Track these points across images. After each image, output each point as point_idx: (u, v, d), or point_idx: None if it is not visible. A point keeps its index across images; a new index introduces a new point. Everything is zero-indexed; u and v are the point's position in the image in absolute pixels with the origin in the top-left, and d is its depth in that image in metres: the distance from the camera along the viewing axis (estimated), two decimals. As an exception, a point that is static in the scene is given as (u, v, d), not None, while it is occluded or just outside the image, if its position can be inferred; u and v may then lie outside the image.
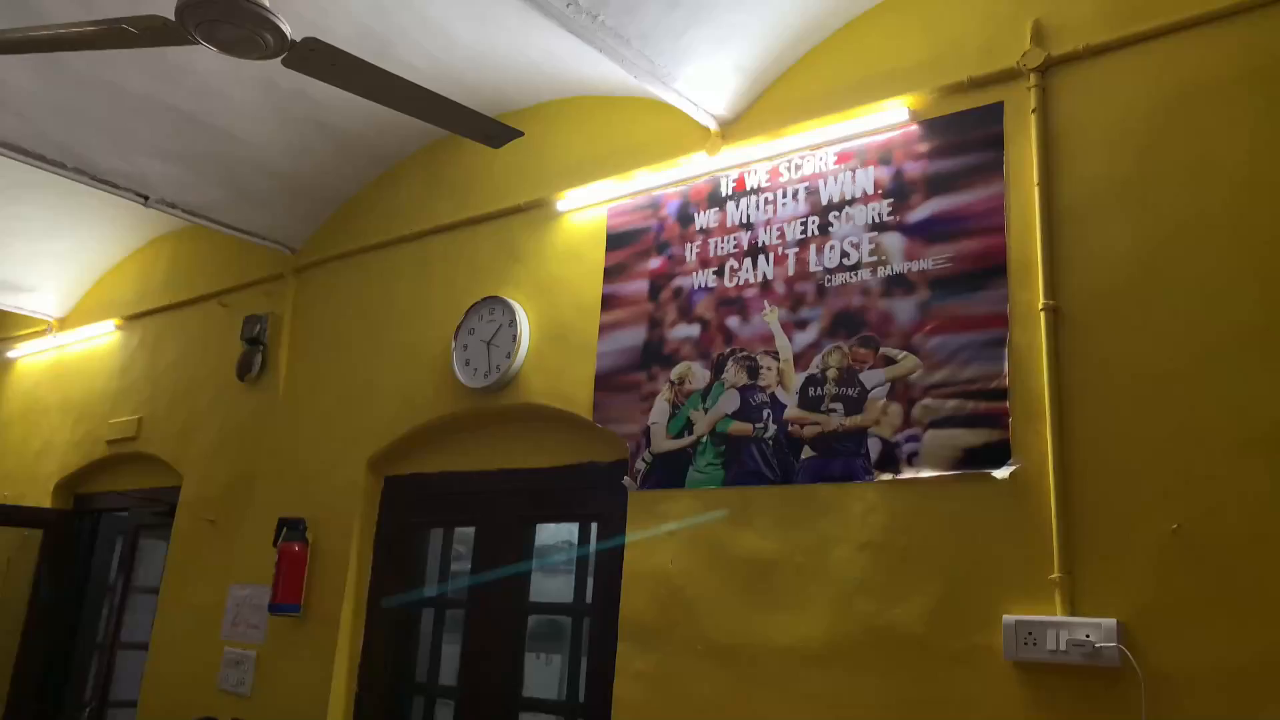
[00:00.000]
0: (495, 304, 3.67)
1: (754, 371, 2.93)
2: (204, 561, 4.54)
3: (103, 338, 5.70)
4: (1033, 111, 2.58)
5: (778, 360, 2.90)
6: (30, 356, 6.26)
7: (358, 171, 4.39)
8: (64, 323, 6.06)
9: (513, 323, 3.58)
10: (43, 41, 2.28)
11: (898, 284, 2.72)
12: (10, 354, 6.39)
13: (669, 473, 3.04)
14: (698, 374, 3.06)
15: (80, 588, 5.57)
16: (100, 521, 5.64)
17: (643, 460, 3.12)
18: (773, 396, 2.88)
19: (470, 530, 3.81)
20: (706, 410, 3.01)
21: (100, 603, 5.57)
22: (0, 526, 5.65)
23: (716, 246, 3.13)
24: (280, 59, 2.30)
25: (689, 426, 3.04)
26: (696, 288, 3.14)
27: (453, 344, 3.75)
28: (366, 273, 4.32)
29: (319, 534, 4.04)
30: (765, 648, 2.71)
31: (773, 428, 2.85)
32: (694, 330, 3.11)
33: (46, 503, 5.65)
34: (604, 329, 3.34)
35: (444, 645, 3.82)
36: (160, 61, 3.53)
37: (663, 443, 3.08)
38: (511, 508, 3.62)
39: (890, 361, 2.68)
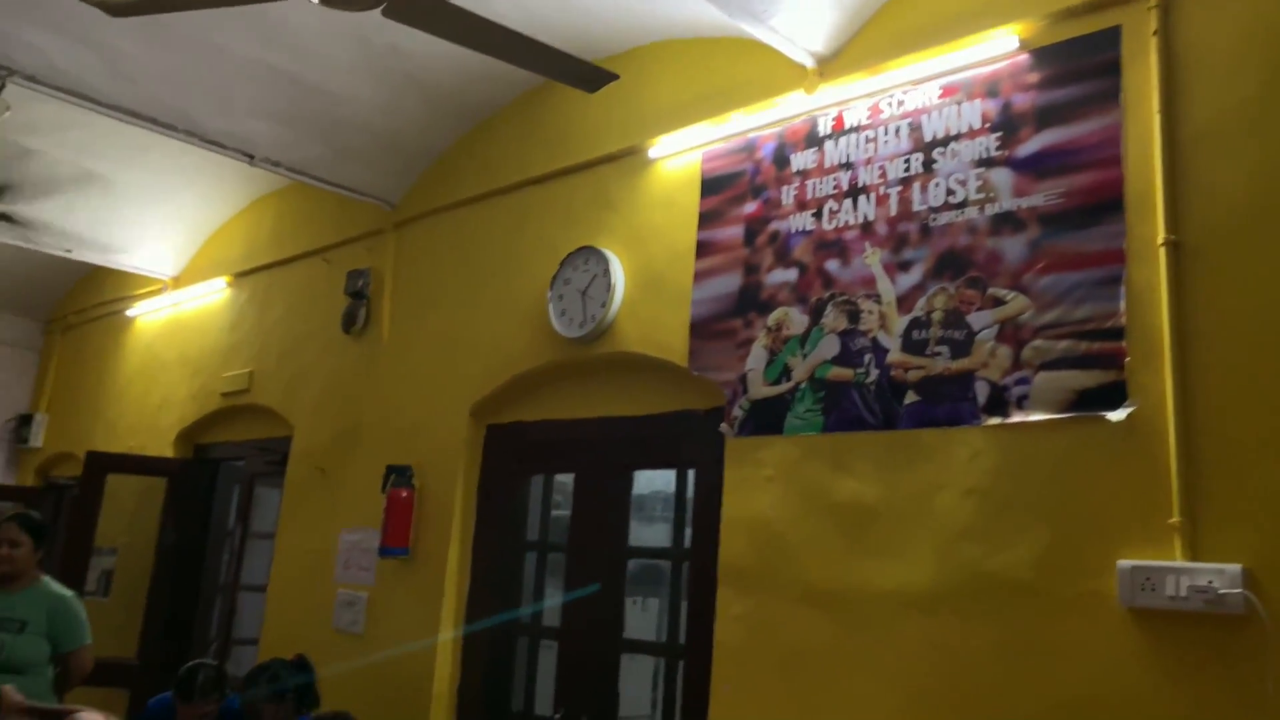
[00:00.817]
0: (589, 254, 3.68)
1: (855, 316, 2.88)
2: (316, 508, 4.73)
3: (214, 295, 5.93)
4: (1153, 34, 2.44)
5: (879, 304, 2.84)
6: (148, 314, 6.56)
7: (452, 125, 4.43)
8: (178, 281, 6.32)
9: (607, 272, 3.58)
10: (162, 1, 2.34)
11: (1006, 222, 2.62)
12: (129, 312, 6.71)
13: (766, 419, 3.03)
14: (796, 319, 3.02)
15: (202, 533, 5.87)
16: (218, 470, 5.92)
17: (740, 407, 3.11)
18: (874, 341, 2.82)
19: (569, 477, 3.87)
20: (805, 356, 2.97)
21: (221, 548, 5.86)
22: (127, 475, 5.98)
23: (814, 188, 3.07)
24: (380, 9, 2.32)
25: (787, 373, 3.01)
26: (794, 231, 3.09)
27: (548, 294, 3.78)
28: (463, 226, 4.38)
29: (424, 480, 4.16)
30: (866, 593, 2.69)
31: (874, 372, 2.80)
32: (791, 275, 3.06)
33: (168, 453, 5.95)
34: (699, 276, 3.32)
35: (547, 589, 3.91)
36: (261, 22, 3.60)
37: (760, 389, 3.06)
38: (609, 455, 3.66)
39: (999, 302, 2.60)
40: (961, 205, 2.72)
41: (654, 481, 4.21)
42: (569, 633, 3.62)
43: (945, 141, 2.79)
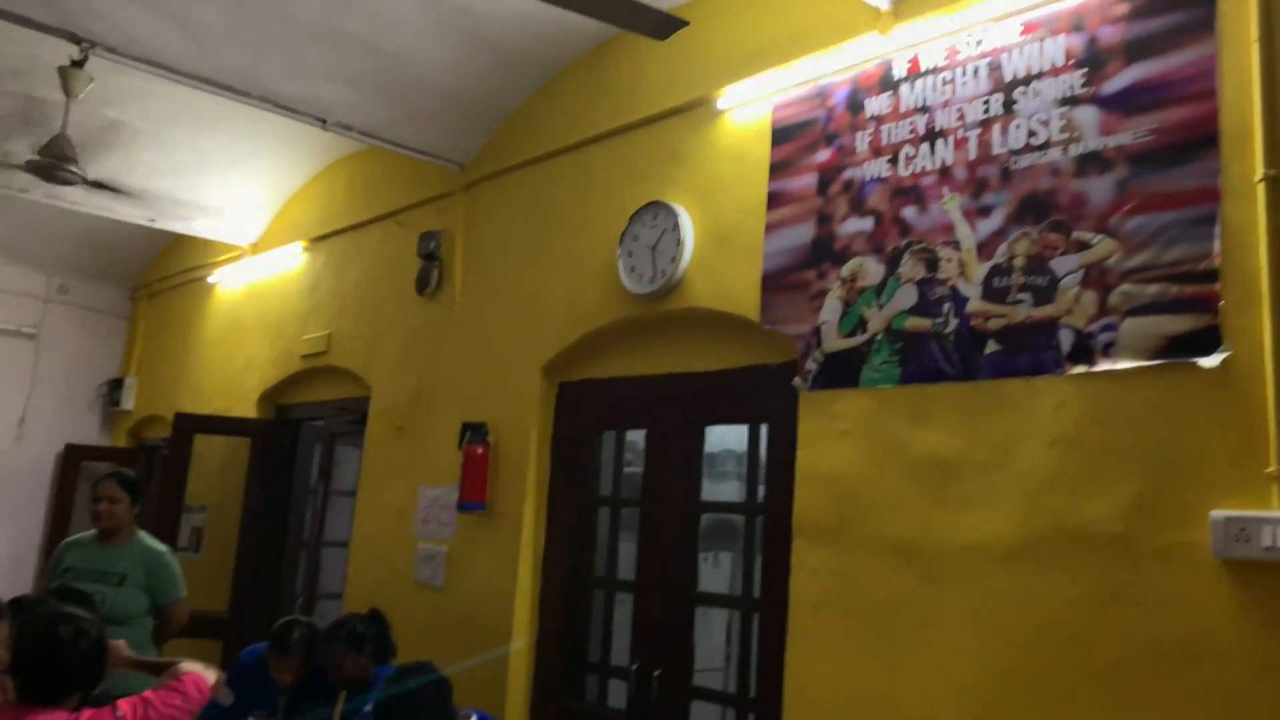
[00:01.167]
0: (658, 209, 3.65)
1: (932, 264, 2.81)
2: (395, 465, 4.84)
3: (292, 260, 6.06)
4: (1253, -41, 2.30)
5: (958, 251, 2.77)
6: (228, 280, 6.74)
7: (520, 84, 4.43)
8: (256, 247, 6.47)
9: (676, 227, 3.56)
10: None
11: (1092, 162, 2.53)
12: (210, 279, 6.91)
13: (841, 372, 2.99)
14: (871, 269, 2.97)
15: (286, 491, 6.05)
16: (300, 430, 6.09)
17: (813, 360, 3.07)
18: (953, 289, 2.76)
19: (641, 433, 3.89)
20: (881, 307, 2.92)
21: (304, 505, 6.05)
22: (213, 435, 6.19)
23: (889, 134, 2.99)
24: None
25: (862, 324, 2.96)
26: (868, 179, 3.02)
27: (617, 251, 3.77)
28: (532, 185, 4.39)
29: (499, 437, 4.22)
30: (946, 545, 2.66)
31: (953, 322, 2.74)
32: (866, 224, 3.00)
33: (252, 414, 6.14)
34: (770, 228, 3.27)
35: (620, 543, 3.95)
36: (330, -16, 3.63)
37: (834, 342, 3.02)
38: (681, 411, 3.66)
39: (1084, 246, 2.51)
40: (1044, 146, 2.63)
41: (724, 439, 4.21)
42: (644, 586, 3.66)
43: (1026, 81, 2.69)
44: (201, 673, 2.66)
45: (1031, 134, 2.66)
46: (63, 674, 2.36)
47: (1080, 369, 2.47)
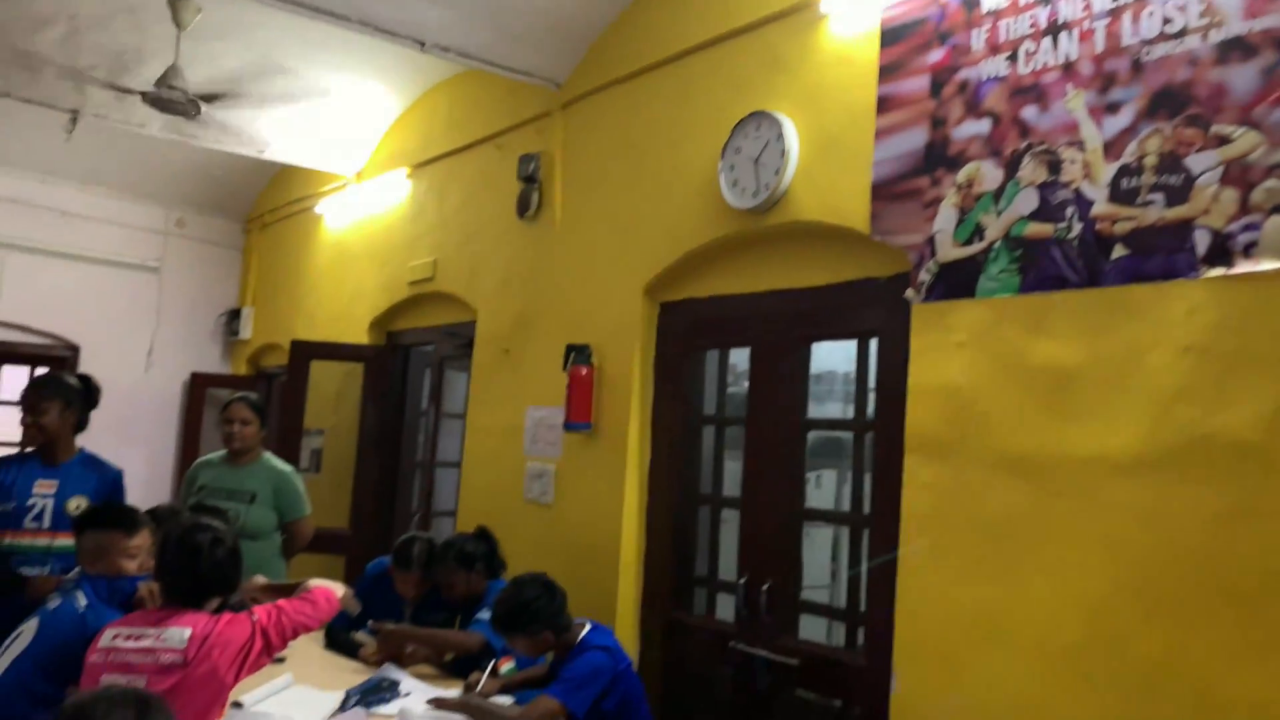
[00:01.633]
0: (761, 119, 3.56)
1: (1055, 166, 2.67)
2: (502, 387, 4.93)
3: (395, 187, 6.15)
4: None
5: (1083, 151, 2.62)
6: (335, 210, 6.90)
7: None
8: (360, 175, 6.59)
9: (780, 137, 3.46)
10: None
11: (1234, 48, 2.34)
12: (317, 209, 7.08)
13: (957, 283, 2.89)
14: (988, 174, 2.83)
15: (398, 415, 6.25)
16: (410, 355, 6.25)
17: (926, 271, 2.98)
18: (1077, 192, 2.62)
19: (746, 351, 3.86)
20: (999, 213, 2.79)
21: (416, 428, 6.24)
22: (328, 361, 6.41)
23: (1008, 29, 2.82)
24: None
25: (979, 232, 2.84)
26: (985, 78, 2.87)
27: (719, 165, 3.70)
28: (629, 101, 4.32)
29: (603, 358, 4.25)
30: (1066, 458, 2.57)
31: (1078, 226, 2.60)
32: (983, 126, 2.86)
33: (363, 340, 6.32)
34: (880, 134, 3.15)
35: (726, 461, 3.96)
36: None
37: (949, 251, 2.92)
38: (786, 328, 3.61)
39: (1224, 141, 2.34)
40: (1180, 34, 2.44)
41: (827, 360, 4.14)
42: (750, 503, 3.67)
43: (1163, -37, 2.49)
44: (330, 587, 2.79)
45: (1166, 21, 2.47)
46: (202, 579, 2.51)
47: (1217, 272, 2.32)
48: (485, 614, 3.56)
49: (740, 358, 4.02)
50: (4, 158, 7.18)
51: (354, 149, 6.50)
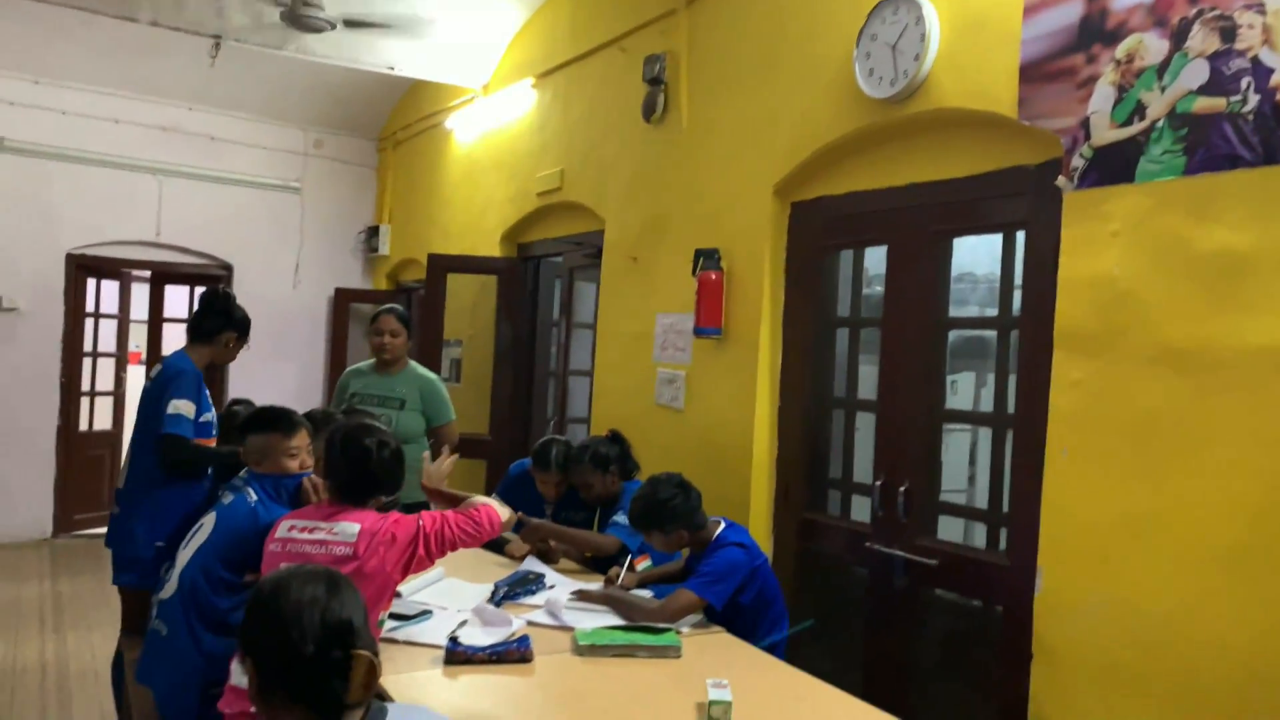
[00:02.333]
0: (899, 2, 3.36)
1: (1229, 33, 2.44)
2: (631, 295, 4.96)
3: (520, 98, 6.16)
4: None
5: (1263, 15, 2.37)
6: (464, 124, 6.98)
7: (740, -118, 4.15)
8: (487, 88, 6.63)
9: (919, 20, 3.27)
10: None
11: None
12: (447, 124, 7.18)
13: (1114, 167, 2.70)
14: (1151, 47, 2.61)
15: (531, 325, 6.39)
16: (540, 266, 6.35)
17: (1080, 156, 2.79)
18: (1255, 61, 2.39)
19: (882, 250, 3.74)
20: (1164, 89, 2.58)
21: (549, 338, 6.38)
22: (463, 274, 6.57)
23: (1179, -119, 2.57)
24: None
25: (1140, 111, 2.64)
26: (1150, -60, 2.63)
27: (853, 54, 3.54)
28: (757, -7, 4.17)
29: (732, 262, 4.21)
30: (1231, 353, 2.41)
31: (1254, 99, 2.38)
32: (1147, -6, 2.63)
33: (495, 253, 6.45)
34: (1029, 10, 2.94)
35: (860, 365, 3.89)
36: None
37: (1106, 133, 2.72)
38: (925, 223, 3.47)
39: None
40: (1387, -128, 2.17)
41: (963, 262, 3.98)
42: (887, 405, 3.60)
43: None
44: (496, 510, 2.85)
45: None
46: (369, 478, 2.62)
47: None
48: (620, 517, 3.65)
49: (875, 258, 3.91)
50: (155, 87, 7.55)
51: (480, 62, 6.53)
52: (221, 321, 3.70)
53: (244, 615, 1.43)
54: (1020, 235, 3.18)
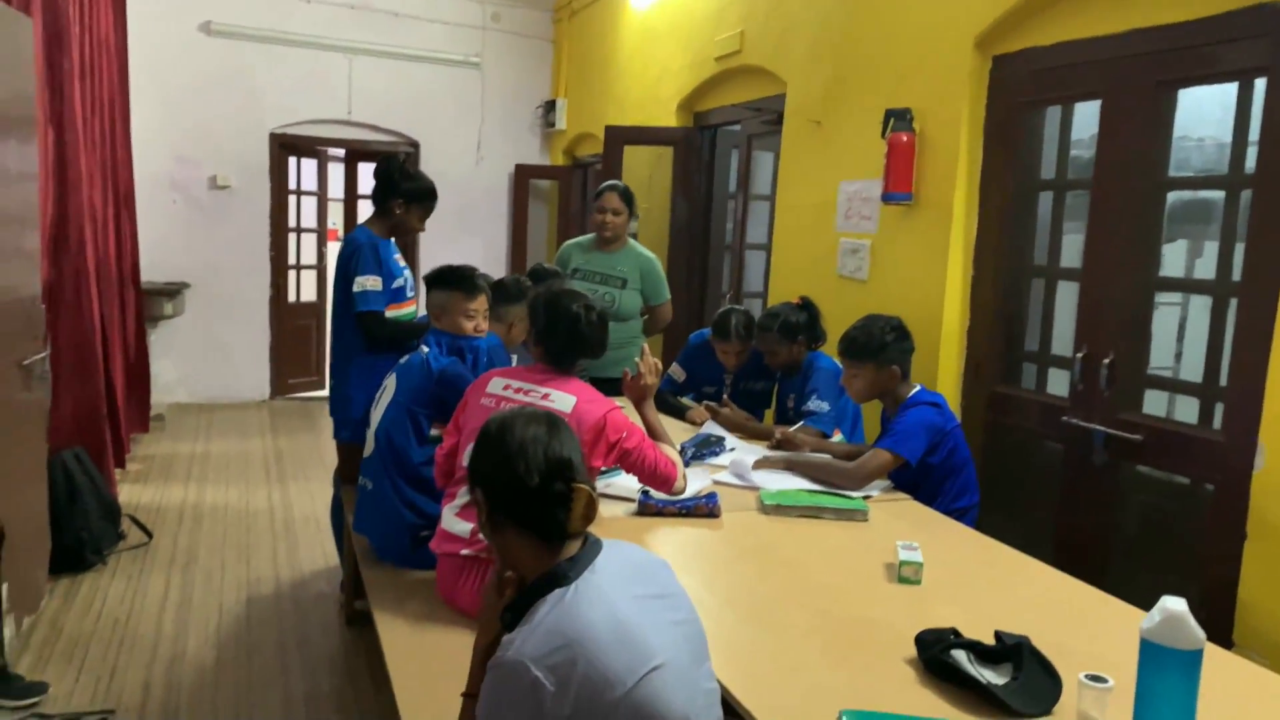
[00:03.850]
0: None
1: None
2: (812, 162, 4.81)
3: (698, -42, 5.95)
4: None
5: None
6: (639, -10, 6.83)
7: None
8: (663, -49, 6.43)
9: None
10: None
11: None
12: (621, -8, 7.05)
13: (1386, -4, 2.37)
14: None
15: (707, 197, 6.33)
16: (717, 136, 6.23)
17: (1344, -14, 2.46)
18: None
19: (1094, 105, 3.45)
20: None
21: (724, 212, 6.31)
22: (638, 146, 6.55)
23: None
24: None
25: None
26: None
27: (1073, -115, 3.20)
28: None
29: (925, 123, 4.00)
30: None
31: None
32: None
33: (671, 123, 6.37)
34: None
35: (1064, 233, 3.66)
36: None
37: (1379, -44, 2.38)
38: (1146, 73, 3.17)
39: None
40: None
41: (1180, 123, 3.60)
42: (1093, 273, 3.39)
43: None
44: (679, 471, 2.73)
45: None
46: (574, 343, 2.65)
47: None
48: (814, 403, 3.61)
49: (1085, 115, 3.61)
50: (341, -33, 7.73)
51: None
52: (388, 189, 3.69)
53: (473, 450, 1.53)
54: (1260, 83, 2.86)
